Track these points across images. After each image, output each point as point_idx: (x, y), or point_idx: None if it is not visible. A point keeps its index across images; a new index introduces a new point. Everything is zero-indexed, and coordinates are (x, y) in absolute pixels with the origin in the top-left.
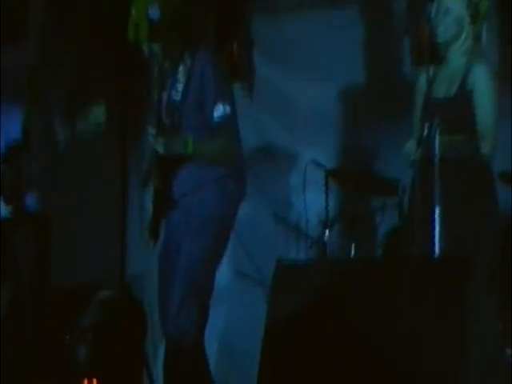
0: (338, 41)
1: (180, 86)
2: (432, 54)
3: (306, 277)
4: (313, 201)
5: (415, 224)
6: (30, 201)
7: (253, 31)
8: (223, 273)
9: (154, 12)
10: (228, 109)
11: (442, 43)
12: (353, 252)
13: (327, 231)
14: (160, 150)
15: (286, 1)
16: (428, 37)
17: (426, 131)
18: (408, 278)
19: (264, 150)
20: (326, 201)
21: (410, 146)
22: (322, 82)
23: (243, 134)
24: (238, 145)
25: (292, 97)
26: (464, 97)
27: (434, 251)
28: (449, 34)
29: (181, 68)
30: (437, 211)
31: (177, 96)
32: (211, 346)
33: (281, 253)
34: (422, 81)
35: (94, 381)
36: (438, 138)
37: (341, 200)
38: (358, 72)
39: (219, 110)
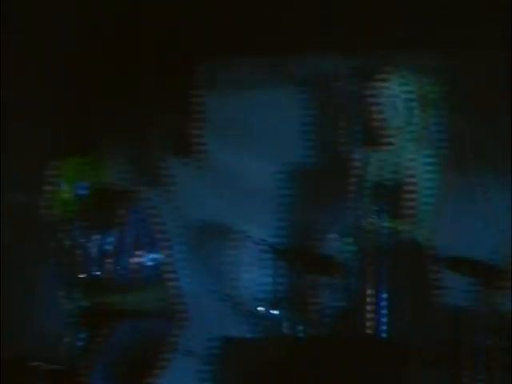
0: (286, 119)
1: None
2: (380, 138)
3: (253, 353)
4: (260, 278)
5: (360, 305)
6: None
7: (203, 108)
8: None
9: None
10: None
11: (391, 128)
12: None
13: (274, 309)
14: None
15: (236, 78)
16: (376, 121)
17: (371, 214)
18: (352, 357)
19: (212, 226)
20: (274, 278)
21: (356, 228)
22: (269, 159)
23: (192, 207)
24: None
25: (240, 173)
26: (410, 183)
27: (378, 332)
28: (398, 120)
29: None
30: (383, 294)
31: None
32: None
33: (228, 330)
34: (369, 163)
35: None
36: (382, 222)
37: (289, 278)
38: (306, 150)
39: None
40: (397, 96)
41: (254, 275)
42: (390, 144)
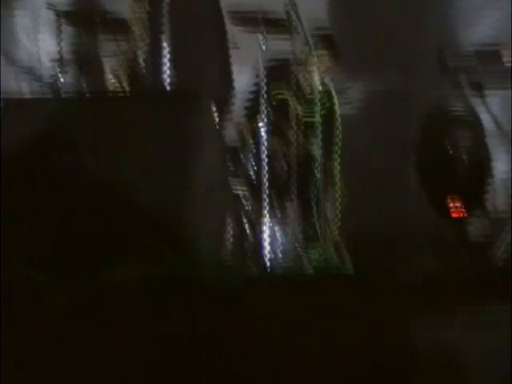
0: None
1: None
2: None
3: (36, 113)
4: (45, 42)
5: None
6: None
7: None
8: None
9: None
10: None
11: None
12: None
13: (60, 72)
14: None
15: None
16: None
17: None
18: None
19: None
20: (59, 42)
21: None
22: None
23: None
24: None
25: None
26: None
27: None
28: None
29: None
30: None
31: None
32: None
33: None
34: None
35: None
36: None
37: (74, 41)
38: None
39: None
40: None
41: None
42: None
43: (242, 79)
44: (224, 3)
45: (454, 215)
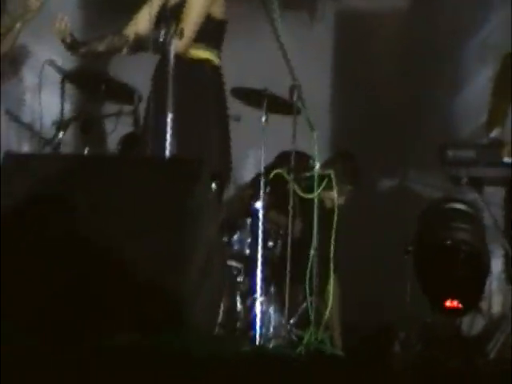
0: None
1: None
2: None
3: (36, 169)
4: (48, 102)
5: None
6: None
7: None
8: None
9: None
10: None
11: None
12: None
13: (61, 133)
14: None
15: None
16: None
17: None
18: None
19: None
20: (62, 103)
21: None
22: None
23: None
24: None
25: None
26: None
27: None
28: None
29: None
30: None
31: None
32: None
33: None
34: None
35: None
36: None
37: (76, 103)
38: None
39: None
40: None
41: (43, 99)
42: None
43: (241, 153)
44: (227, 78)
45: (449, 311)
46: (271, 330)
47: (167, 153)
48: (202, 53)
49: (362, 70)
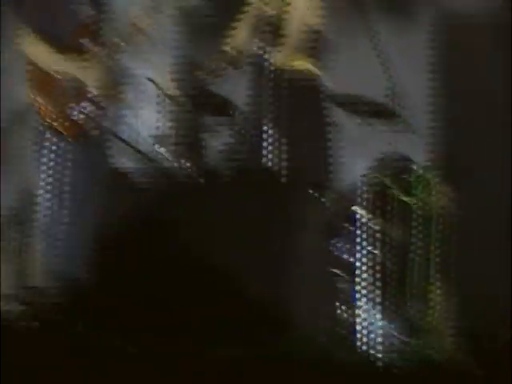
0: None
1: None
2: None
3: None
4: (146, 117)
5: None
6: None
7: None
8: None
9: None
10: None
11: None
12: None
13: (160, 148)
14: None
15: None
16: None
17: None
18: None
19: None
20: (160, 118)
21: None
22: None
23: None
24: None
25: None
26: None
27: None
28: None
29: None
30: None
31: None
32: None
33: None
34: None
35: None
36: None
37: (175, 117)
38: None
39: None
40: None
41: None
42: None
43: (340, 158)
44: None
45: None
46: (375, 336)
47: (268, 164)
48: (301, 64)
49: (462, 72)
